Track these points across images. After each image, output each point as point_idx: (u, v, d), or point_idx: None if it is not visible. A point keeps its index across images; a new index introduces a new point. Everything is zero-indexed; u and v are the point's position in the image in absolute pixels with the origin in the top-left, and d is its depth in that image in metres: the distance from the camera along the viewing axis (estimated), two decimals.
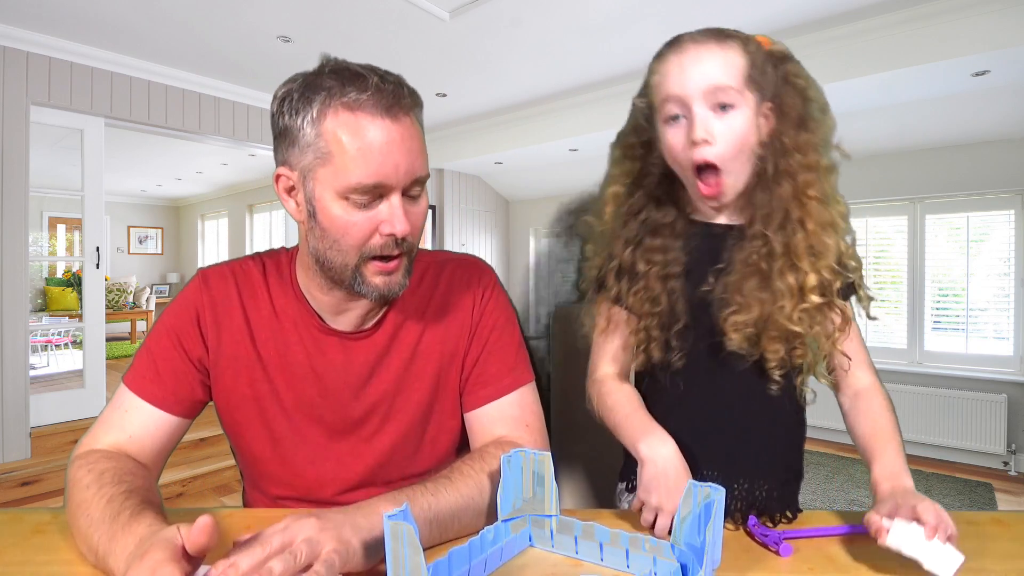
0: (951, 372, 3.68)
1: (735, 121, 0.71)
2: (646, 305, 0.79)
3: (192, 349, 0.78)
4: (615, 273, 0.82)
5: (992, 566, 0.61)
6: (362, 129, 0.66)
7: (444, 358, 0.83)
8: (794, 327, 0.73)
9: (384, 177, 0.67)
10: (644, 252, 0.80)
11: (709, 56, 0.71)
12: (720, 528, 0.59)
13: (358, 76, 0.67)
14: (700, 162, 0.72)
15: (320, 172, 0.68)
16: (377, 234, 0.69)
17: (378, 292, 0.72)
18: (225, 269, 0.82)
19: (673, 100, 0.73)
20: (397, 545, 0.49)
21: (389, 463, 0.81)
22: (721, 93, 0.70)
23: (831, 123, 0.77)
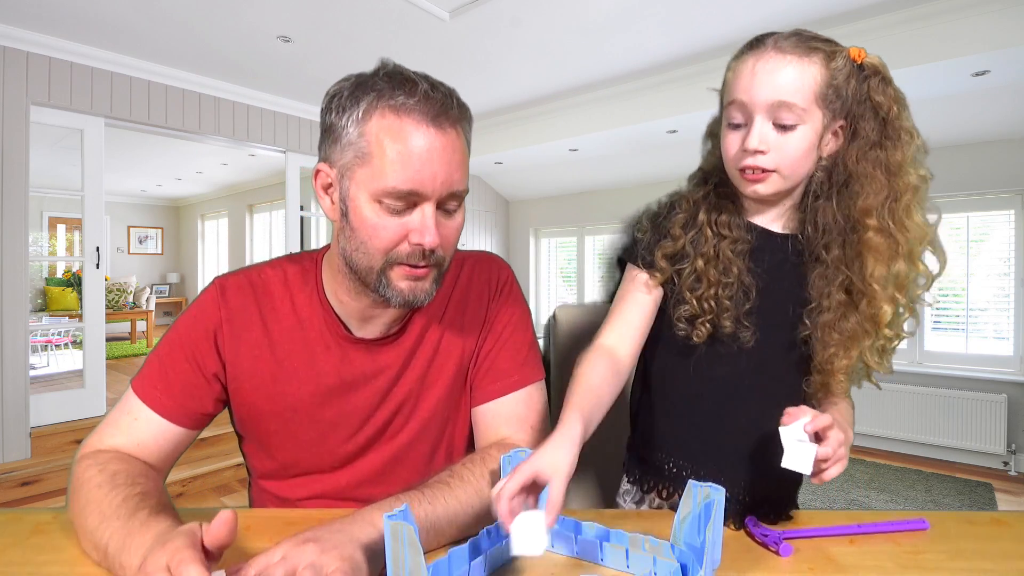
0: (951, 372, 3.67)
1: (794, 139, 0.70)
2: (718, 272, 0.76)
3: (207, 364, 0.77)
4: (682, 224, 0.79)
5: (992, 566, 0.61)
6: (405, 134, 0.66)
7: (464, 355, 0.83)
8: (875, 365, 0.75)
9: (419, 185, 0.66)
10: (712, 221, 0.78)
11: (785, 68, 0.69)
12: (720, 528, 0.59)
13: (409, 81, 0.67)
14: (749, 168, 0.72)
15: (358, 172, 0.68)
16: (406, 242, 0.69)
17: (402, 297, 0.71)
18: (243, 279, 0.80)
19: (737, 106, 0.72)
20: (397, 546, 0.49)
21: (406, 458, 0.81)
22: (785, 111, 0.69)
23: (917, 146, 0.73)
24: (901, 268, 0.71)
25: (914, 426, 3.70)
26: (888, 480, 3.37)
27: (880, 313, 0.72)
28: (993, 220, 3.67)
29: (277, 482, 0.82)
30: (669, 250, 0.79)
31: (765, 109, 0.70)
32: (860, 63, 0.72)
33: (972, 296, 3.74)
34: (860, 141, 0.72)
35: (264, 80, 3.80)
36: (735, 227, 0.78)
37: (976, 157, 3.60)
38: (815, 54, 0.69)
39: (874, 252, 0.71)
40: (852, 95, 0.71)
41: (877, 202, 0.71)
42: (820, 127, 0.71)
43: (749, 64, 0.71)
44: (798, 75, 0.69)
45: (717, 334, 0.77)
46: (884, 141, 0.72)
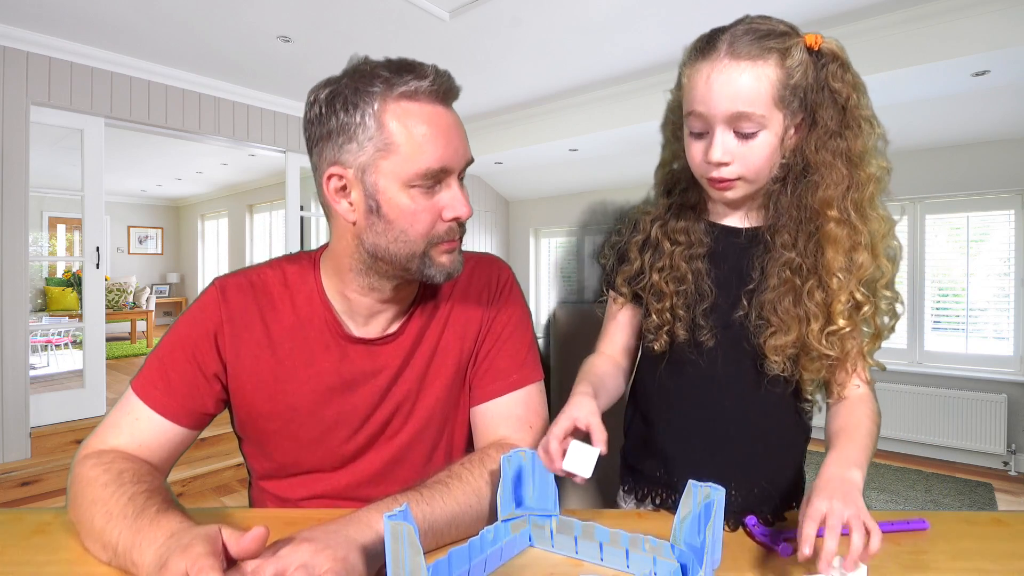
0: (951, 372, 3.67)
1: (756, 146, 0.69)
2: (671, 283, 0.78)
3: (208, 365, 0.77)
4: (639, 246, 0.82)
5: (992, 566, 0.61)
6: (426, 116, 0.69)
7: (463, 355, 0.83)
8: (825, 350, 0.71)
9: (448, 160, 0.70)
10: (669, 232, 0.80)
11: (740, 77, 0.67)
12: (720, 528, 0.59)
13: (413, 65, 0.70)
14: (716, 179, 0.72)
15: (382, 164, 0.68)
16: (440, 220, 0.72)
17: (445, 271, 0.74)
18: (243, 280, 0.81)
19: (696, 116, 0.71)
20: (397, 545, 0.49)
21: (406, 458, 0.81)
22: (745, 121, 0.68)
23: (877, 134, 0.72)
24: (864, 260, 0.70)
25: (914, 426, 3.70)
26: (888, 480, 3.37)
27: (835, 302, 0.70)
28: (993, 220, 3.67)
29: (277, 482, 0.82)
30: (628, 273, 0.83)
31: (724, 120, 0.68)
32: (817, 49, 0.70)
33: (972, 296, 3.74)
34: (819, 130, 0.70)
35: (264, 80, 3.79)
36: (692, 232, 0.79)
37: (976, 157, 3.60)
38: (770, 55, 0.67)
39: (834, 243, 0.70)
40: (810, 85, 0.70)
41: (838, 192, 0.70)
42: (781, 129, 0.70)
43: (704, 73, 0.69)
44: (755, 82, 0.67)
45: (676, 341, 0.78)
46: (844, 130, 0.70)
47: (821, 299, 0.71)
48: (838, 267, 0.70)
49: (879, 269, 0.72)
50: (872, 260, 0.71)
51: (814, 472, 0.65)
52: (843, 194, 0.70)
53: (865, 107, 0.72)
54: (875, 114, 0.73)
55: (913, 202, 3.88)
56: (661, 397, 0.83)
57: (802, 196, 0.72)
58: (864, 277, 0.70)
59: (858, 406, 0.73)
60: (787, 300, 0.72)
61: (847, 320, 0.70)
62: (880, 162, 0.72)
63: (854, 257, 0.70)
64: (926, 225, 3.85)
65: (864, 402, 0.74)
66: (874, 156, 0.72)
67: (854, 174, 0.70)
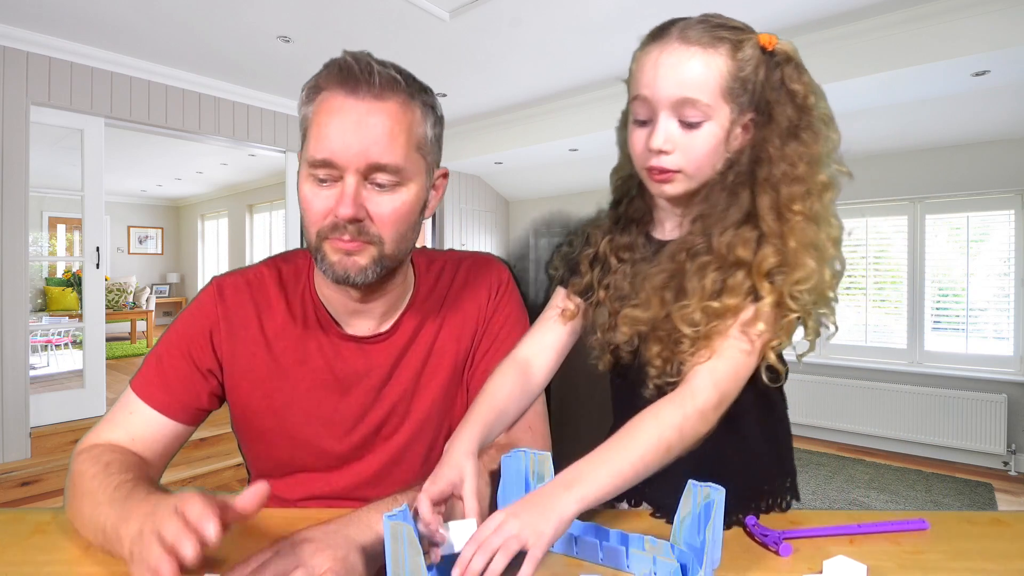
0: (951, 372, 3.67)
1: (700, 137, 0.67)
2: (616, 303, 0.76)
3: (204, 361, 0.77)
4: (589, 260, 0.80)
5: (992, 566, 0.61)
6: (326, 104, 0.67)
7: (459, 355, 0.83)
8: (685, 328, 0.65)
9: (332, 154, 0.66)
10: (615, 247, 0.78)
11: (689, 61, 0.65)
12: (720, 528, 0.59)
13: (334, 59, 0.69)
14: (656, 168, 0.69)
15: (302, 152, 0.70)
16: (331, 215, 0.68)
17: (333, 271, 0.70)
18: (240, 279, 0.81)
19: (640, 101, 0.69)
20: (397, 546, 0.49)
21: (403, 459, 0.81)
22: (690, 108, 0.66)
23: (835, 137, 0.70)
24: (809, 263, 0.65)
25: (914, 426, 3.70)
26: (888, 480, 3.37)
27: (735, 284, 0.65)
28: (993, 220, 3.67)
29: (275, 482, 0.82)
30: (579, 286, 0.80)
31: (669, 106, 0.67)
32: (772, 50, 0.68)
33: (972, 296, 3.74)
34: (780, 127, 0.68)
35: (264, 80, 3.79)
36: (636, 248, 0.77)
37: (976, 157, 3.60)
38: (721, 44, 0.66)
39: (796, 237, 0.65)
40: (763, 85, 0.68)
41: (799, 192, 0.66)
42: (728, 123, 0.67)
43: (653, 56, 0.67)
44: (703, 68, 0.65)
45: (620, 362, 0.76)
46: (801, 133, 0.68)
47: (710, 281, 0.66)
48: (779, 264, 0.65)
49: (821, 278, 0.66)
50: (817, 267, 0.65)
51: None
52: (804, 195, 0.67)
53: (823, 110, 0.70)
54: (833, 118, 0.70)
55: (913, 202, 3.88)
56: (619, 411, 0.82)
57: (739, 189, 0.68)
58: (803, 282, 0.64)
59: (662, 405, 0.63)
60: (661, 277, 0.69)
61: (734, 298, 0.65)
62: (839, 167, 0.70)
63: (800, 259, 0.65)
64: (926, 225, 3.85)
65: (676, 399, 0.63)
66: (831, 161, 0.69)
67: (811, 177, 0.67)
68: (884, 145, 3.77)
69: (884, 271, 4.06)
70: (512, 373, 0.77)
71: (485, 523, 0.53)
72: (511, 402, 0.75)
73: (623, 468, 0.57)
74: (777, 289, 0.64)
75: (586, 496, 0.55)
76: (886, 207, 3.95)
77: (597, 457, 0.58)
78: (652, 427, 0.61)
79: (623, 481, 0.57)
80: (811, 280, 0.65)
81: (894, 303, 4.01)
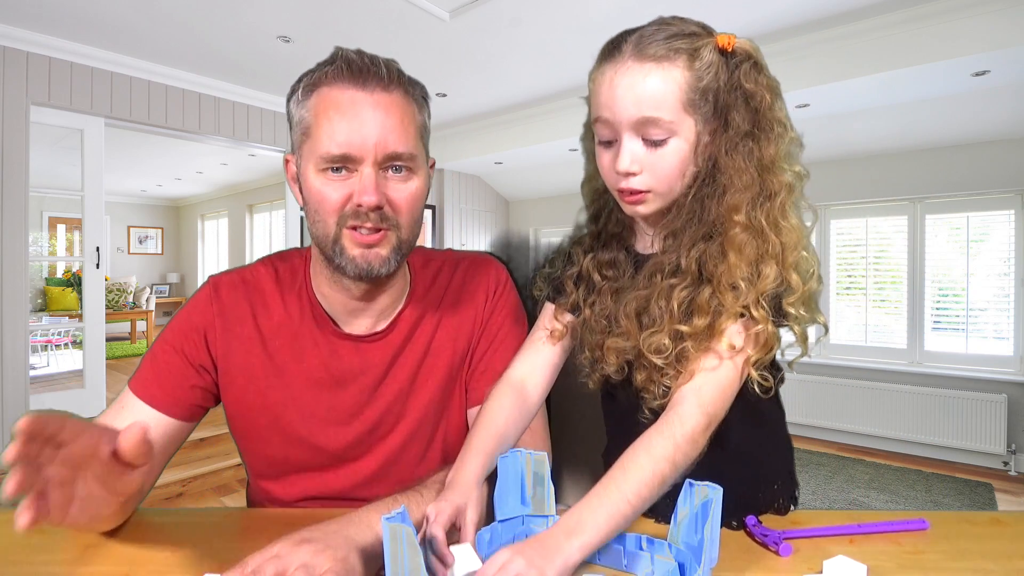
0: (951, 372, 3.67)
1: (666, 154, 0.65)
2: (602, 321, 0.74)
3: (197, 357, 0.78)
4: (573, 280, 0.79)
5: (992, 566, 0.61)
6: (332, 100, 0.68)
7: (456, 356, 0.83)
8: (654, 358, 0.64)
9: (349, 147, 0.67)
10: (597, 265, 0.77)
11: (645, 79, 0.63)
12: (718, 527, 0.59)
13: (335, 55, 0.70)
14: (626, 191, 0.68)
15: (304, 148, 0.71)
16: (351, 202, 0.69)
17: (355, 265, 0.71)
18: (235, 277, 0.82)
19: (603, 123, 0.67)
20: (397, 547, 0.49)
21: (400, 460, 0.81)
22: (652, 126, 0.64)
23: (791, 139, 0.68)
24: (770, 272, 0.63)
25: (914, 426, 3.70)
26: (888, 480, 3.37)
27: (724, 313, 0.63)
28: (993, 220, 3.67)
29: (272, 482, 0.83)
30: (566, 306, 0.79)
31: (631, 127, 0.65)
32: (731, 51, 0.66)
33: (972, 296, 3.74)
34: (731, 132, 0.66)
35: (264, 80, 3.80)
36: (618, 264, 0.76)
37: (976, 157, 3.60)
38: (678, 56, 0.63)
39: (738, 250, 0.63)
40: (722, 87, 0.65)
41: (745, 198, 0.65)
42: (694, 136, 0.66)
43: (607, 77, 0.65)
44: (661, 84, 0.63)
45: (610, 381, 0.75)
46: (756, 132, 0.66)
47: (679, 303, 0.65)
48: (740, 276, 0.63)
49: (786, 283, 0.64)
50: (778, 273, 0.64)
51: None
52: (751, 200, 0.65)
53: (779, 110, 0.68)
54: (789, 117, 0.68)
55: (913, 202, 3.88)
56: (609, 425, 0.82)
57: (704, 200, 0.67)
58: (767, 290, 0.63)
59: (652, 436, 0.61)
60: (635, 305, 0.68)
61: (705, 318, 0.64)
62: (794, 168, 0.67)
63: (760, 268, 0.63)
64: (926, 225, 3.85)
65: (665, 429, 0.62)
66: (787, 162, 0.67)
67: (765, 180, 0.66)
68: (884, 145, 3.77)
69: (884, 271, 4.06)
70: (509, 396, 0.76)
71: (491, 560, 0.52)
72: (510, 426, 0.74)
73: (621, 508, 0.57)
74: (740, 302, 0.63)
75: (587, 543, 0.55)
76: (886, 207, 3.95)
77: (595, 499, 0.58)
78: (645, 461, 0.59)
79: (623, 520, 0.57)
80: (772, 288, 0.63)
81: (894, 303, 4.01)
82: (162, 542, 0.66)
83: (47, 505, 0.49)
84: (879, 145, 3.76)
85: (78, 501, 0.53)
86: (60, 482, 0.51)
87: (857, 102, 3.26)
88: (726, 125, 0.66)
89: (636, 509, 0.58)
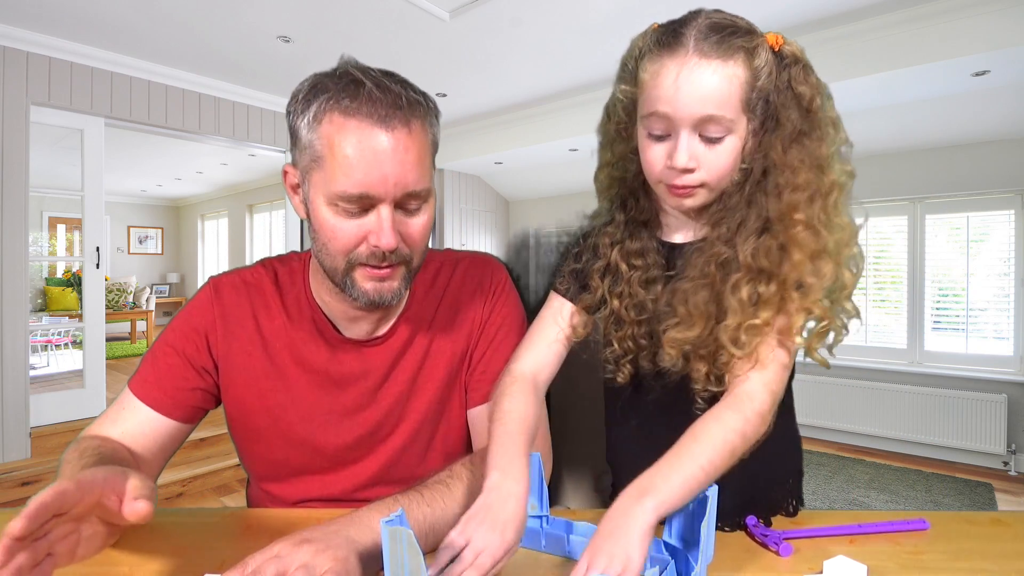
0: (951, 372, 3.67)
1: (723, 151, 0.66)
2: (632, 312, 0.74)
3: (198, 359, 0.77)
4: (600, 273, 0.78)
5: (992, 566, 0.61)
6: (352, 137, 0.64)
7: (455, 357, 0.83)
8: (733, 349, 0.65)
9: (370, 188, 0.64)
10: (626, 254, 0.76)
11: (709, 76, 0.63)
12: (713, 524, 0.59)
13: (355, 82, 0.65)
14: (679, 186, 0.68)
15: (314, 176, 0.67)
16: (365, 243, 0.68)
17: (368, 298, 0.71)
18: (236, 279, 0.81)
19: (659, 118, 0.66)
20: (396, 548, 0.49)
21: (400, 462, 0.81)
22: (714, 124, 0.64)
23: (841, 139, 0.69)
24: (827, 268, 0.65)
25: (914, 426, 3.70)
26: (888, 480, 3.37)
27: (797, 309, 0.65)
28: (993, 220, 3.66)
29: (272, 483, 0.83)
30: (588, 302, 0.78)
31: (691, 124, 0.64)
32: (778, 51, 0.67)
33: (972, 296, 3.74)
34: (784, 131, 0.66)
35: (264, 80, 3.79)
36: (648, 253, 0.76)
37: (976, 157, 3.60)
38: (737, 54, 0.63)
39: (801, 248, 0.65)
40: (774, 88, 0.66)
41: (804, 197, 0.66)
42: (746, 133, 0.67)
43: (671, 72, 0.64)
44: (725, 83, 0.63)
45: (640, 372, 0.74)
46: (809, 132, 0.67)
47: (746, 294, 0.66)
48: (806, 273, 0.65)
49: (840, 280, 0.67)
50: (835, 269, 0.66)
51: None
52: (809, 198, 0.66)
53: (830, 110, 0.69)
54: (840, 118, 0.70)
55: (913, 202, 3.88)
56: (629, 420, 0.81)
57: (758, 196, 0.68)
58: (825, 287, 0.66)
59: (721, 410, 0.64)
60: (702, 294, 0.68)
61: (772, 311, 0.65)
62: (844, 167, 0.69)
63: (819, 265, 0.65)
64: (926, 225, 3.85)
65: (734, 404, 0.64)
66: (838, 161, 0.68)
67: (819, 179, 0.67)
68: (884, 145, 3.76)
69: (884, 271, 4.06)
70: (529, 392, 0.74)
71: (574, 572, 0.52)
72: (537, 423, 0.73)
73: (695, 473, 0.57)
74: (810, 299, 0.65)
75: (662, 503, 0.54)
76: (886, 207, 3.95)
77: (666, 465, 0.58)
78: (717, 431, 0.60)
79: (696, 485, 0.57)
80: (830, 285, 0.65)
81: (894, 303, 4.01)
82: (162, 542, 0.66)
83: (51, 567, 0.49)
84: (879, 145, 3.76)
85: (83, 541, 0.54)
86: (65, 534, 0.52)
87: (857, 102, 3.26)
88: (777, 124, 0.67)
89: (709, 477, 0.57)
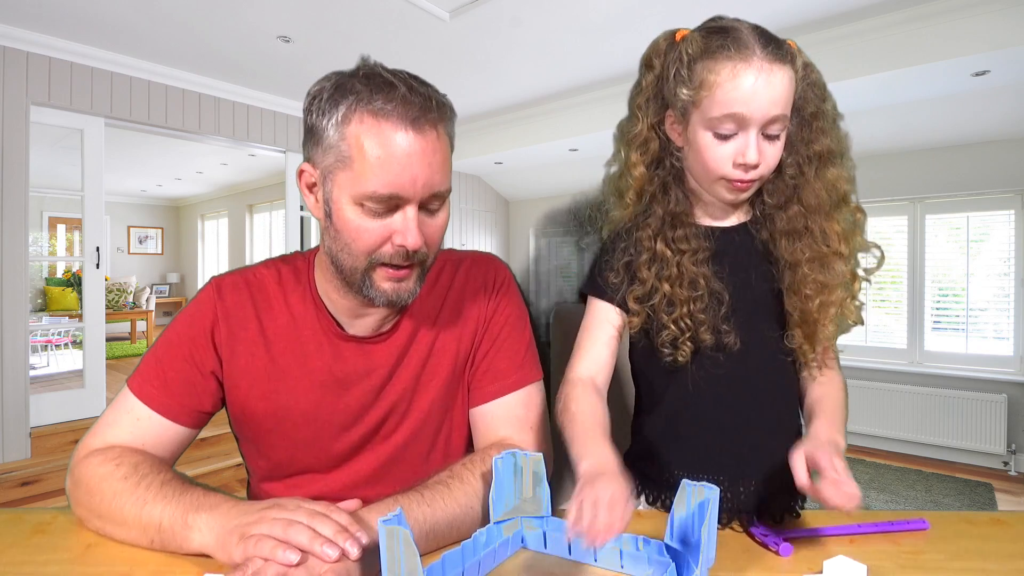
0: (951, 372, 3.67)
1: (779, 147, 0.72)
2: (686, 290, 0.76)
3: (205, 362, 0.77)
4: (647, 265, 0.79)
5: (992, 566, 0.61)
6: (384, 138, 0.65)
7: (459, 356, 0.83)
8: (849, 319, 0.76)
9: (400, 188, 0.66)
10: (670, 242, 0.78)
11: (780, 79, 0.68)
12: (714, 527, 0.59)
13: (388, 84, 0.66)
14: (744, 181, 0.72)
15: (339, 176, 0.67)
16: (389, 243, 0.69)
17: (386, 297, 0.72)
18: (239, 279, 0.81)
19: (732, 118, 0.69)
20: (394, 546, 0.49)
21: (402, 459, 0.81)
22: (777, 124, 0.70)
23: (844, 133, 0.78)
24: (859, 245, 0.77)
25: (914, 426, 3.70)
26: (888, 480, 3.37)
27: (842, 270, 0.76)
28: (993, 220, 3.67)
29: (274, 483, 0.82)
30: (638, 293, 0.79)
31: (761, 123, 0.69)
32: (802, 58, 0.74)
33: (972, 296, 3.74)
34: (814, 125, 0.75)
35: (264, 80, 3.80)
36: (692, 238, 0.78)
37: (976, 157, 3.60)
38: (790, 60, 0.70)
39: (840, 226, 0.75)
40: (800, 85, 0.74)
41: (845, 173, 0.76)
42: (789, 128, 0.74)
43: (747, 75, 0.67)
44: (788, 85, 0.69)
45: (700, 349, 0.76)
46: (830, 127, 0.76)
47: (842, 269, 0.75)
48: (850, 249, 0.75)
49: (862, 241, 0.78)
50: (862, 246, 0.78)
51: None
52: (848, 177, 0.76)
53: (831, 104, 0.77)
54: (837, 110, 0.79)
55: (913, 202, 3.88)
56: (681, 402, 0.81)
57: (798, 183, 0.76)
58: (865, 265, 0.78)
59: (835, 378, 0.80)
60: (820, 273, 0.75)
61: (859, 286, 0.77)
62: (850, 160, 0.78)
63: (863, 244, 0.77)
64: (926, 225, 3.85)
65: (838, 375, 0.81)
66: (848, 154, 0.77)
67: (841, 168, 0.76)
68: (884, 145, 3.76)
69: (884, 271, 4.01)
70: (591, 394, 0.75)
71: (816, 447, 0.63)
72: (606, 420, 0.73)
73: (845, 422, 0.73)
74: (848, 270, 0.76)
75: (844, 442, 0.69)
76: (886, 207, 3.95)
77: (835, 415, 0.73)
78: (840, 393, 0.77)
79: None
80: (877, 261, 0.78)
81: (894, 303, 4.01)
82: None
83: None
84: (879, 145, 3.76)
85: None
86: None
87: (857, 102, 3.25)
88: (804, 122, 0.75)
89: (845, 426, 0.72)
